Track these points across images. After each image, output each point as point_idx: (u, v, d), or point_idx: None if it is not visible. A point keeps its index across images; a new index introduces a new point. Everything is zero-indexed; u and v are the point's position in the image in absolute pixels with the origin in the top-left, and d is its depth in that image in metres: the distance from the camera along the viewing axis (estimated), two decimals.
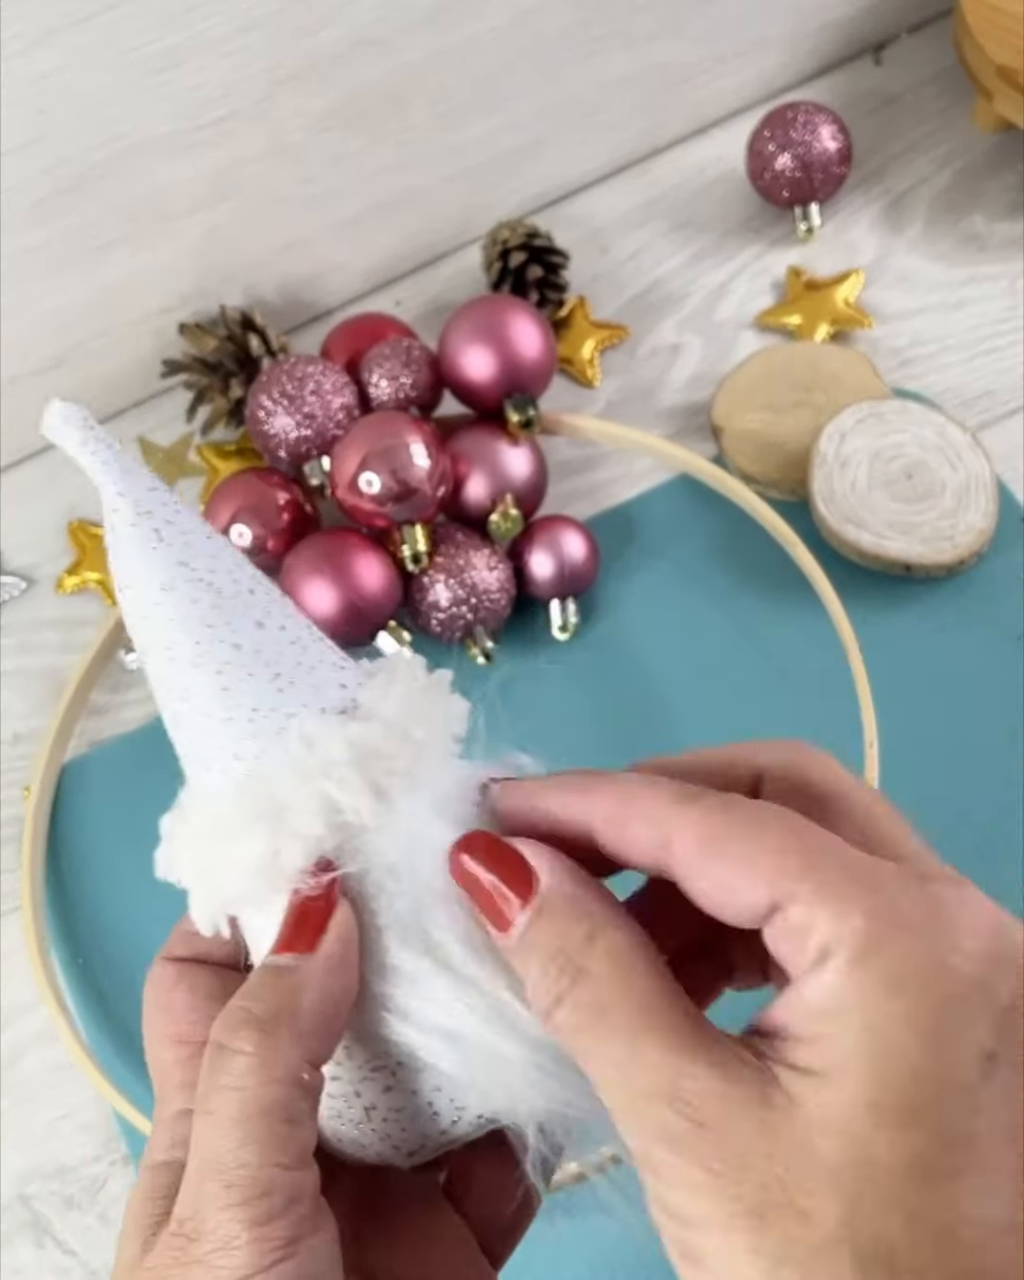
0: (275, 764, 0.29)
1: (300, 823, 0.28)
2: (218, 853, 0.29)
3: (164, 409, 0.66)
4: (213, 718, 0.30)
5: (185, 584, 0.31)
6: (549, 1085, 0.27)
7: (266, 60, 0.56)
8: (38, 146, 0.54)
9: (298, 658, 0.31)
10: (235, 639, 0.30)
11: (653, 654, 0.57)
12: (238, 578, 0.31)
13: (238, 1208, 0.25)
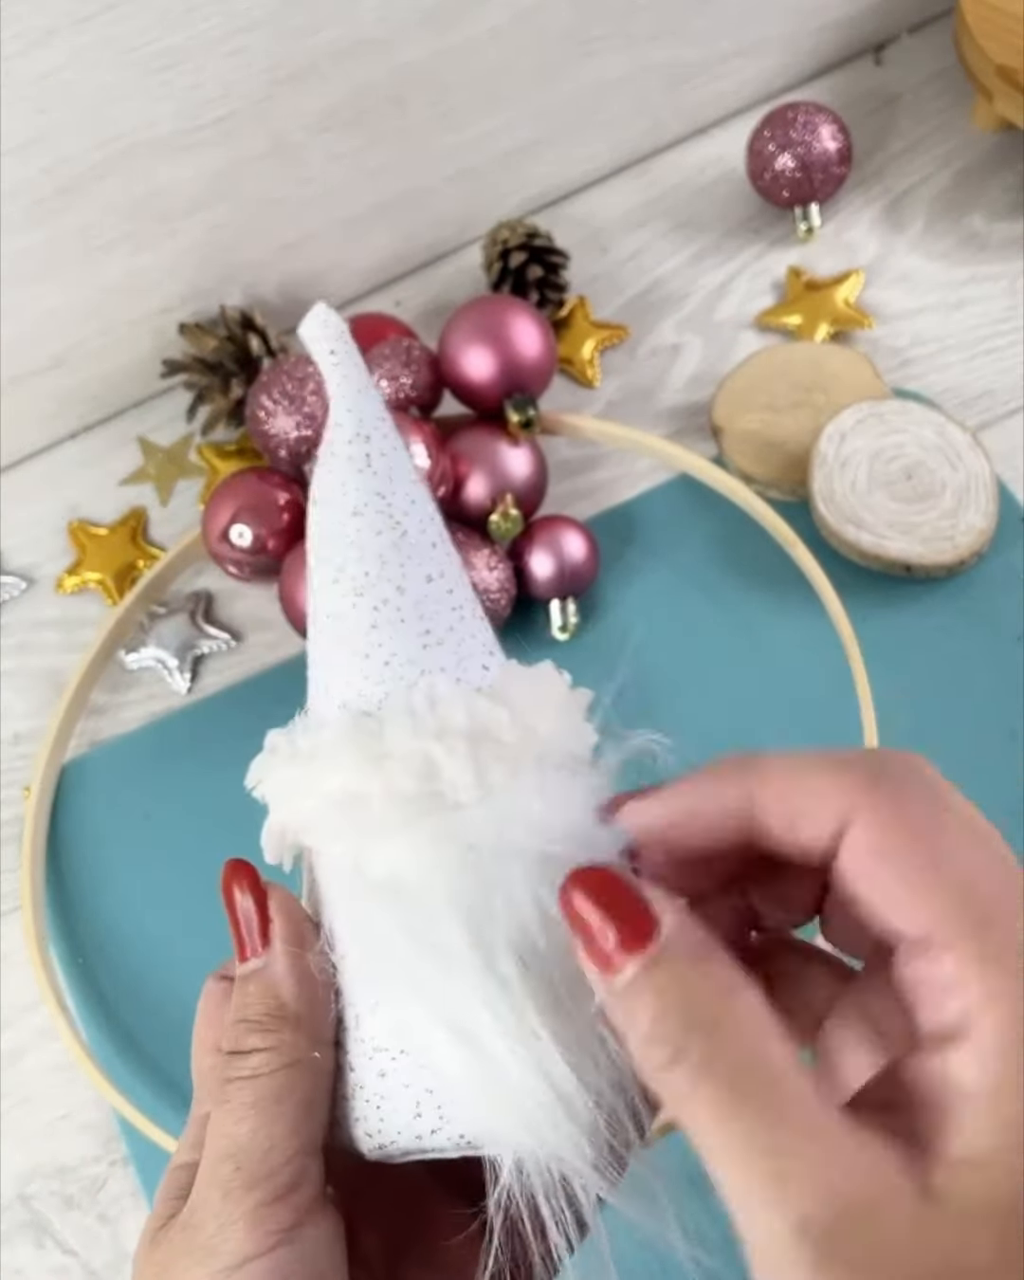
0: (394, 713, 0.29)
1: (395, 775, 0.28)
2: (306, 777, 0.29)
3: (164, 409, 0.66)
4: (353, 650, 0.30)
5: (376, 514, 0.31)
6: (547, 1131, 0.26)
7: (266, 60, 0.56)
8: (37, 146, 0.54)
9: (453, 624, 0.30)
10: (402, 582, 0.30)
11: (653, 654, 0.57)
12: (427, 529, 0.31)
13: (244, 1190, 0.25)
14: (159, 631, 0.60)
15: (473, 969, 0.26)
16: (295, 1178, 0.26)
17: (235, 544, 0.56)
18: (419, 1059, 0.27)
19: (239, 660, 0.60)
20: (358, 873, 0.28)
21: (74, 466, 0.66)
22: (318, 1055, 0.27)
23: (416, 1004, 0.27)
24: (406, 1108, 0.27)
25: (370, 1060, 0.28)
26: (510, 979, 0.26)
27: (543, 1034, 0.26)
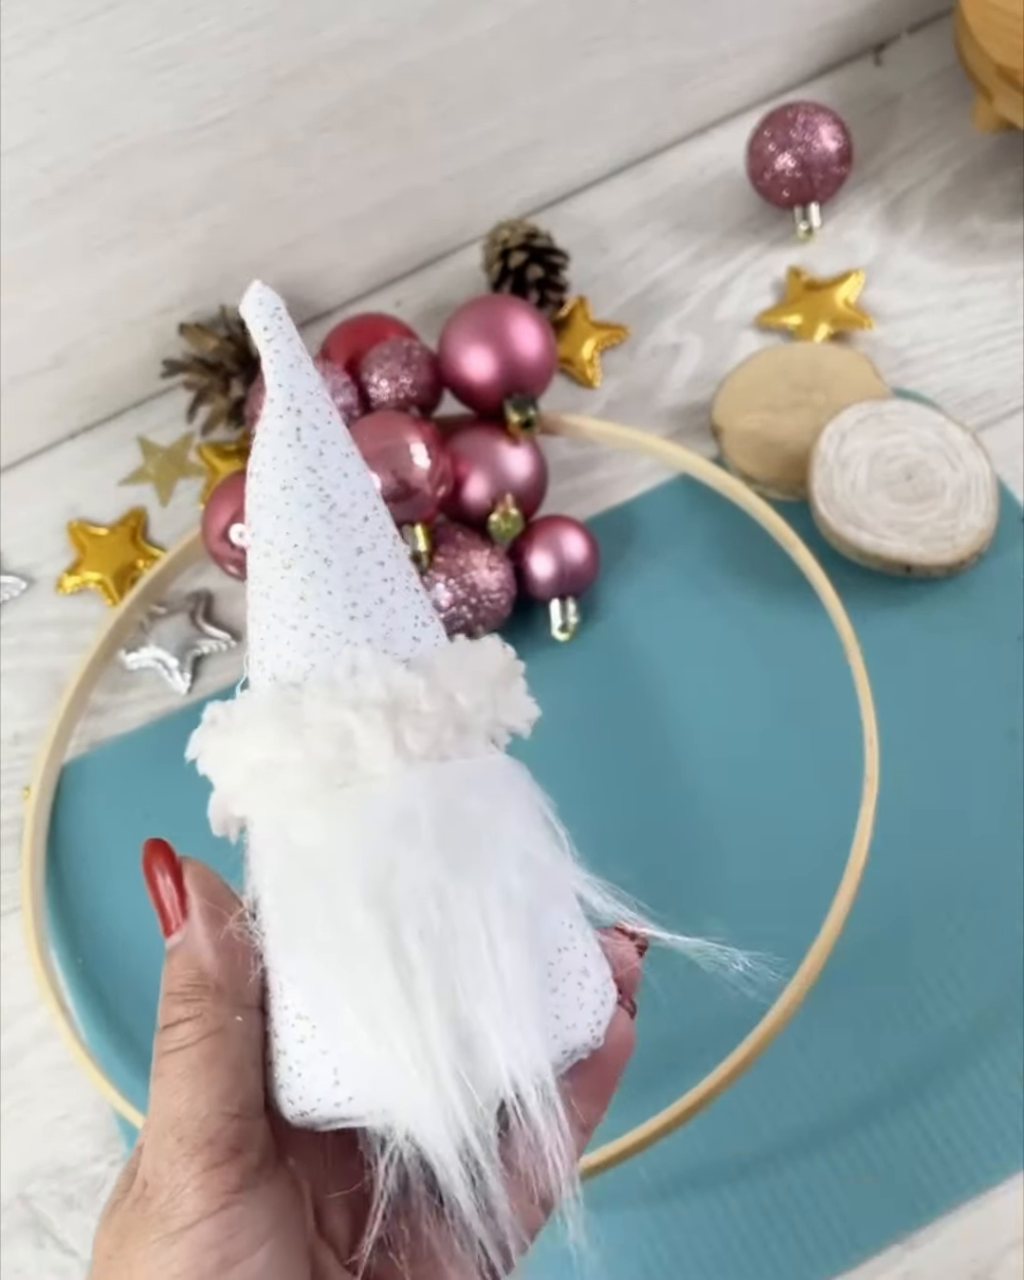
0: (316, 683, 0.29)
1: (313, 743, 0.28)
2: (233, 748, 0.30)
3: (164, 409, 0.66)
4: (283, 622, 0.30)
5: (305, 487, 0.31)
6: (430, 1108, 0.26)
7: (266, 60, 0.56)
8: (38, 146, 0.54)
9: (382, 595, 0.31)
10: (329, 554, 0.30)
11: (653, 654, 0.57)
12: (358, 501, 0.31)
13: (188, 1157, 0.26)
14: (159, 631, 0.60)
15: (372, 943, 0.27)
16: (237, 1140, 0.27)
17: (235, 544, 0.56)
18: (332, 1029, 0.28)
19: (239, 660, 0.60)
20: (277, 841, 0.29)
21: (74, 466, 0.66)
22: (240, 1019, 0.28)
23: (323, 974, 0.27)
24: (325, 1075, 0.28)
25: (292, 1028, 0.28)
26: (410, 955, 0.27)
27: (432, 1014, 0.26)
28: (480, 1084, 0.27)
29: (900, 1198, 0.46)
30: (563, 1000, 0.28)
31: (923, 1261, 0.46)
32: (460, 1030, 0.27)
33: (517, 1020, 0.27)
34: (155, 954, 0.57)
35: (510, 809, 0.29)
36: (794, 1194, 0.47)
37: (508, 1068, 0.27)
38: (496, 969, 0.27)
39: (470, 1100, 0.26)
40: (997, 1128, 0.47)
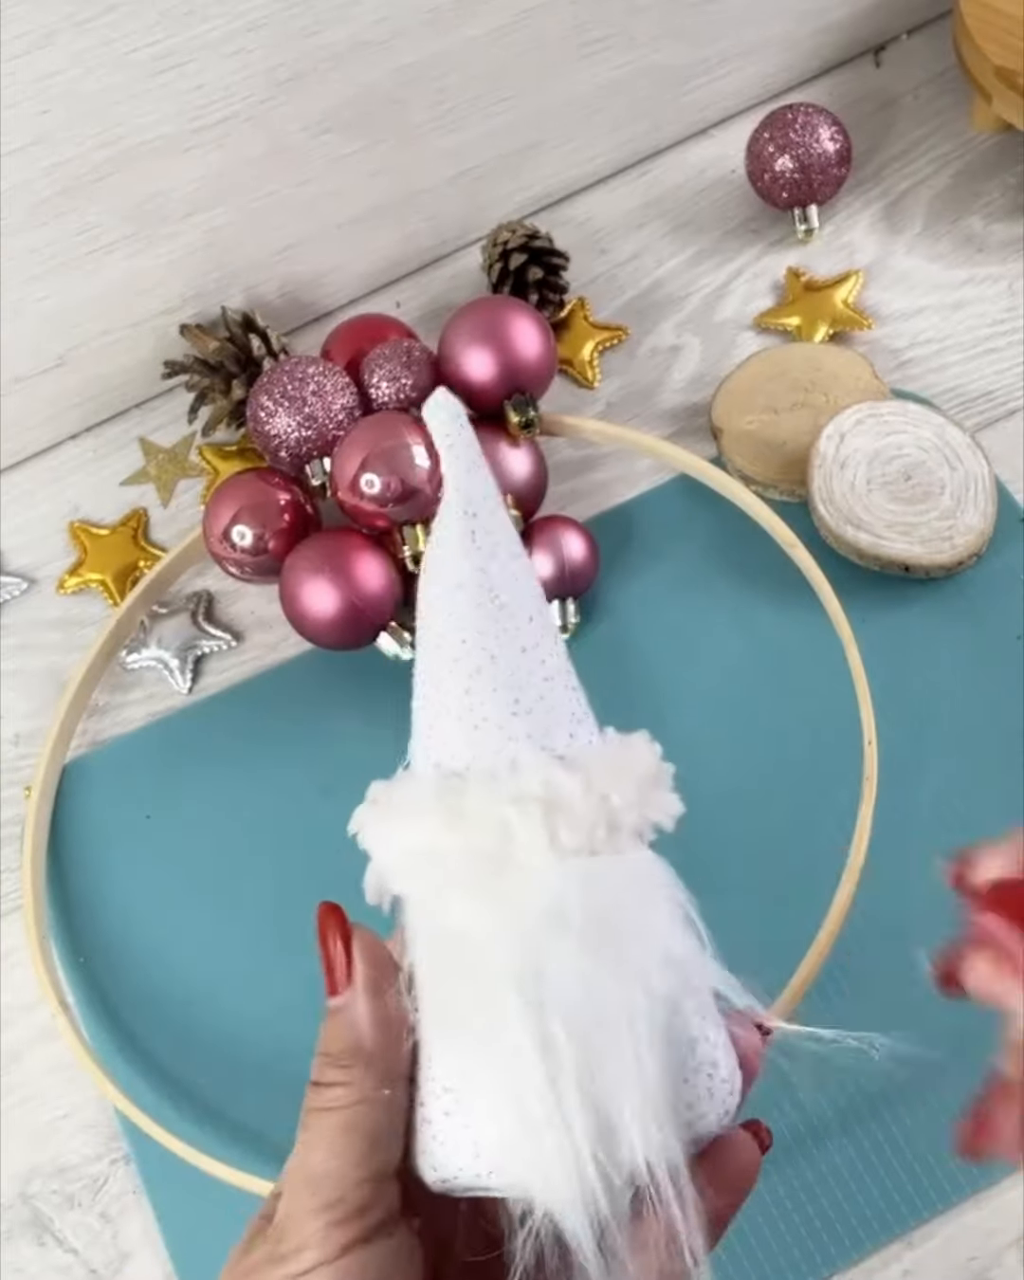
0: (478, 775, 0.31)
1: (473, 833, 0.30)
2: (397, 829, 0.31)
3: (165, 410, 0.67)
4: (449, 712, 0.32)
5: (475, 588, 0.33)
6: (567, 1193, 0.28)
7: (267, 62, 0.56)
8: (39, 147, 0.54)
9: (543, 692, 0.33)
10: (496, 651, 0.32)
11: (653, 654, 0.57)
12: (524, 603, 0.33)
13: (316, 1211, 0.29)
14: (160, 632, 0.60)
15: (519, 1028, 0.28)
16: (365, 1202, 0.29)
17: (236, 544, 0.56)
18: (474, 1106, 0.29)
19: (239, 660, 0.60)
20: (431, 923, 0.31)
21: (75, 467, 0.66)
22: (388, 1093, 0.30)
23: (470, 1054, 0.29)
24: (467, 1148, 0.29)
25: (437, 1100, 0.30)
26: (556, 1042, 0.28)
27: (574, 1100, 0.28)
28: (617, 1169, 0.28)
29: (900, 1197, 0.47)
30: (695, 1091, 0.30)
31: (923, 1260, 0.46)
32: (600, 1117, 0.28)
33: (653, 1111, 0.28)
34: (156, 953, 0.57)
35: (655, 906, 0.31)
36: (794, 1193, 0.47)
37: (644, 1156, 0.28)
38: (637, 1061, 0.28)
39: (608, 1183, 0.28)
40: None
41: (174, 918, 0.55)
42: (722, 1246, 0.46)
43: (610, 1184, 0.28)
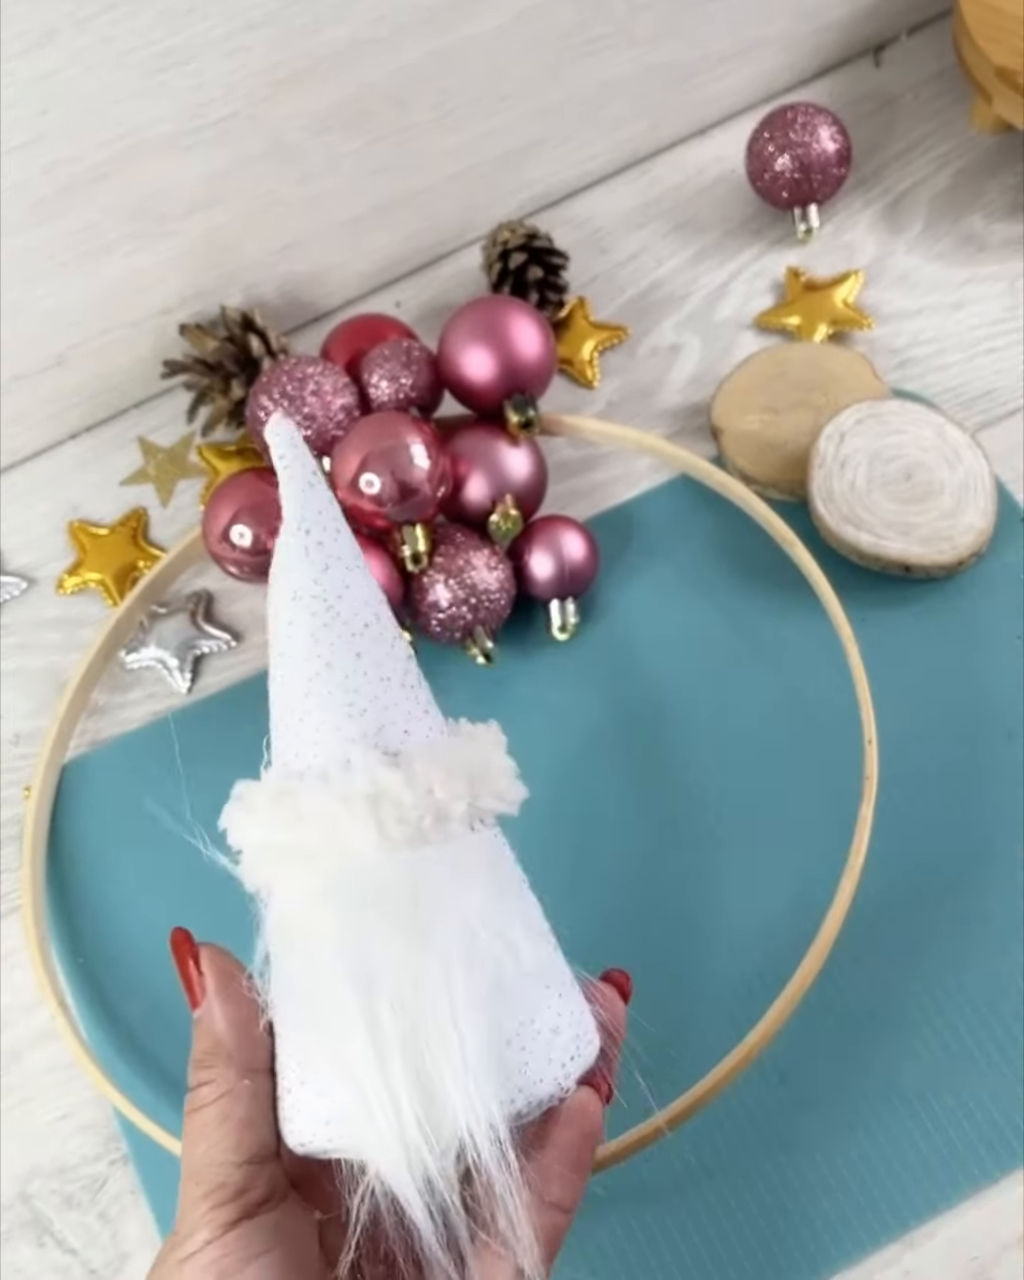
0: (313, 776, 0.34)
1: (305, 830, 0.33)
2: (246, 825, 0.34)
3: (165, 409, 0.67)
4: (293, 713, 0.35)
5: (310, 599, 0.35)
6: (395, 1156, 0.30)
7: (266, 60, 0.56)
8: (38, 146, 0.54)
9: (378, 693, 0.35)
10: (330, 658, 0.35)
11: (653, 654, 0.57)
12: (359, 611, 0.36)
13: (201, 1199, 0.32)
14: (159, 631, 0.60)
15: (346, 1004, 0.31)
16: (244, 1183, 0.32)
17: (235, 544, 0.56)
18: (319, 1077, 0.32)
19: (239, 660, 0.60)
20: (278, 912, 0.33)
21: (74, 467, 0.66)
22: (248, 1083, 0.33)
23: (311, 1030, 0.32)
24: (320, 1113, 0.32)
25: (293, 1071, 0.33)
26: (382, 1021, 0.31)
27: (398, 1069, 0.30)
28: (440, 1130, 0.30)
29: (901, 1197, 0.46)
30: (531, 1056, 0.32)
31: (923, 1261, 0.46)
32: (423, 1082, 0.31)
33: (473, 1076, 0.31)
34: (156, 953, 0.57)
35: (480, 887, 0.33)
36: (794, 1193, 0.47)
37: (464, 1116, 0.30)
38: (457, 1029, 0.31)
39: (430, 1143, 0.30)
40: (996, 1128, 0.47)
41: (173, 918, 0.55)
42: (724, 1247, 0.46)
43: (432, 1144, 0.30)
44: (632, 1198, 0.47)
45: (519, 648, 0.58)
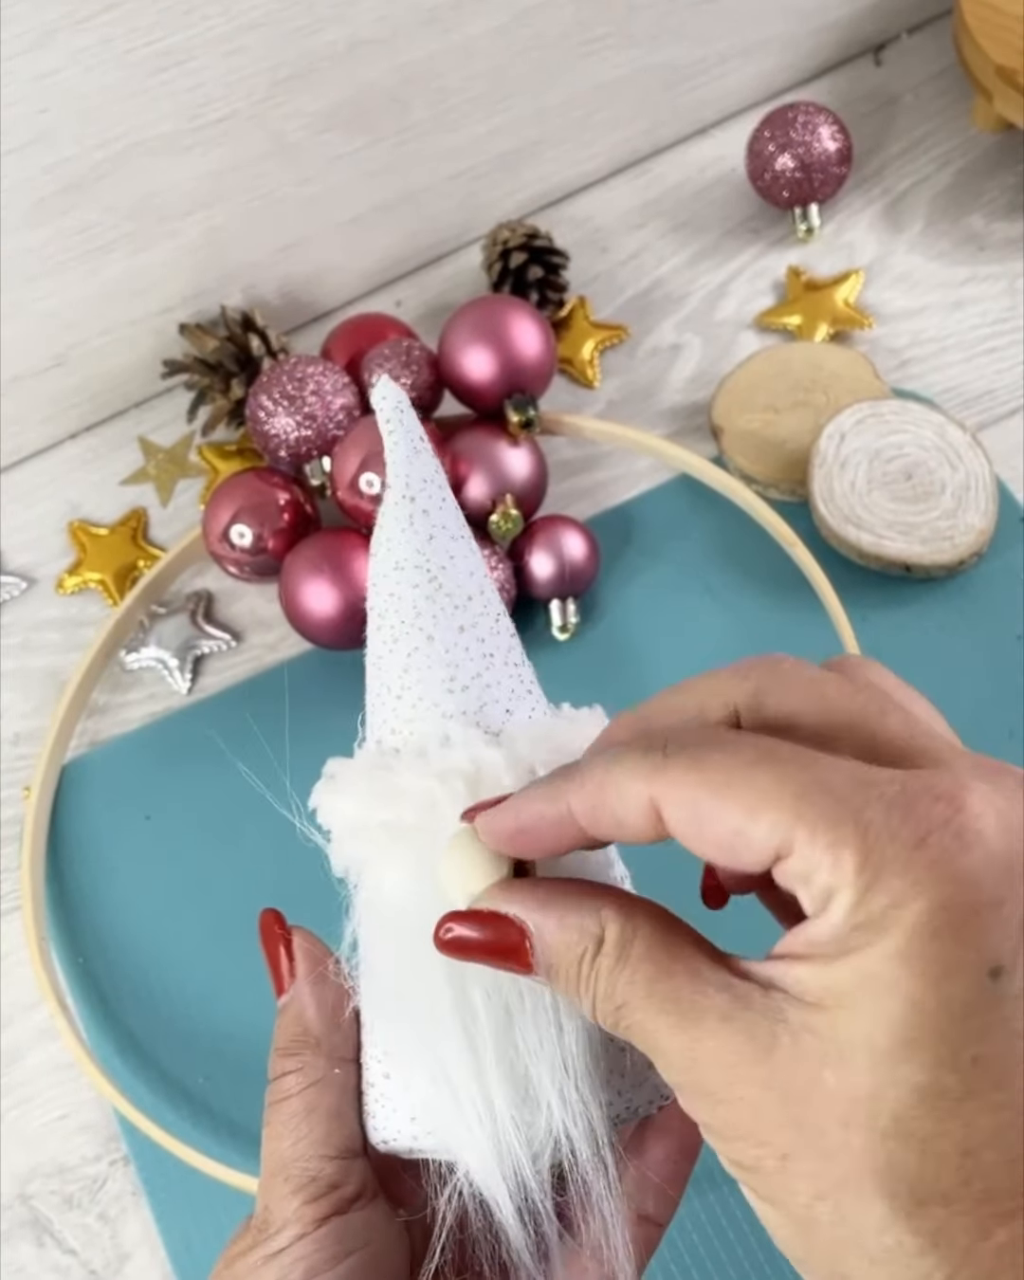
0: (411, 752, 0.32)
1: (401, 807, 0.31)
2: (337, 803, 0.32)
3: (165, 409, 0.66)
4: (390, 691, 0.33)
5: (414, 569, 0.34)
6: (488, 1153, 0.29)
7: (266, 60, 0.56)
8: (38, 146, 0.54)
9: (479, 670, 0.33)
10: (433, 631, 0.33)
11: (653, 654, 0.57)
12: (463, 583, 0.34)
13: (292, 1195, 0.30)
14: (159, 631, 0.60)
15: (441, 994, 0.29)
16: (335, 1178, 0.30)
17: (236, 544, 0.56)
18: (407, 1070, 0.30)
19: (239, 660, 0.60)
20: (371, 893, 0.32)
21: (74, 466, 0.66)
22: (338, 1071, 0.31)
23: (401, 1020, 0.30)
24: (405, 1109, 0.30)
25: (378, 1064, 0.31)
26: (476, 1011, 0.29)
27: (491, 1064, 0.29)
28: (534, 1130, 0.29)
29: None
30: (633, 1059, 0.30)
31: None
32: (517, 1078, 0.29)
33: (573, 1077, 0.29)
34: (155, 953, 0.57)
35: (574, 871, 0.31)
36: None
37: (562, 1116, 0.29)
38: (557, 1026, 0.29)
39: (524, 1146, 0.29)
40: None
41: (173, 918, 0.55)
42: (724, 1247, 0.46)
43: (527, 1146, 0.29)
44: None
45: None
